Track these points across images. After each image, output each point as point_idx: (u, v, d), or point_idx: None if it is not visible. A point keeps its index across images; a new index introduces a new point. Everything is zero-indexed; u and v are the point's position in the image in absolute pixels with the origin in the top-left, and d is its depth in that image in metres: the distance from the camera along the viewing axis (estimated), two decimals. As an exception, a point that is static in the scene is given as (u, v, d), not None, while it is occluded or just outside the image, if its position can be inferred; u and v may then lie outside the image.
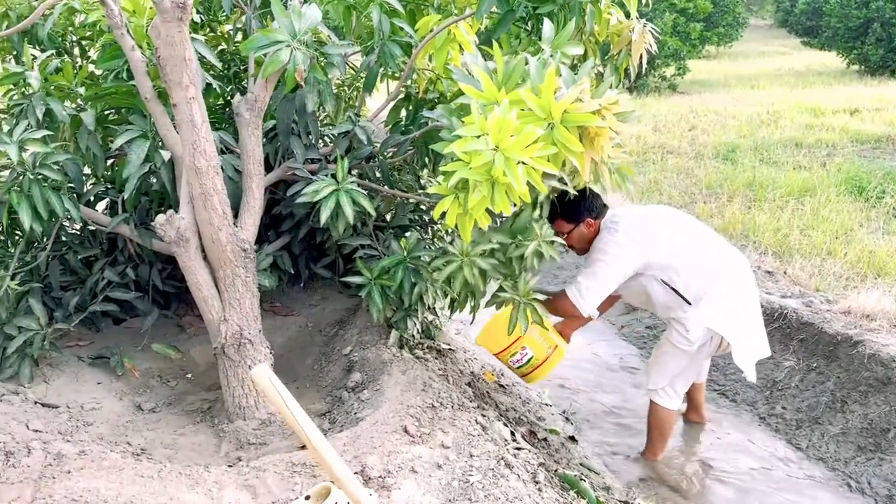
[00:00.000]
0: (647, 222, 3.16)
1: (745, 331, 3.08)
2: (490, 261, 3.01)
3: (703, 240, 3.17)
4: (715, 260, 3.09)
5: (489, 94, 2.35)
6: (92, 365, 3.36)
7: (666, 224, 3.20)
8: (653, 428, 3.39)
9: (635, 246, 3.06)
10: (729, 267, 3.10)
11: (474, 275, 2.97)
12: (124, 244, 3.50)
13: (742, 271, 3.15)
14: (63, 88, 3.09)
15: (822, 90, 11.83)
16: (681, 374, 3.23)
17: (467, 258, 2.97)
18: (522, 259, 3.09)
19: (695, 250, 3.11)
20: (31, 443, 2.55)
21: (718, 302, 3.05)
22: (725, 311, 3.05)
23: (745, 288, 3.12)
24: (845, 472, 3.28)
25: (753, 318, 3.14)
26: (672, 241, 3.11)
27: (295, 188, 3.30)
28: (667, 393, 3.27)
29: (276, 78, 2.88)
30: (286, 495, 2.34)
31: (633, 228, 3.09)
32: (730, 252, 3.20)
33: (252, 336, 3.00)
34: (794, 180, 6.61)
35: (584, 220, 3.18)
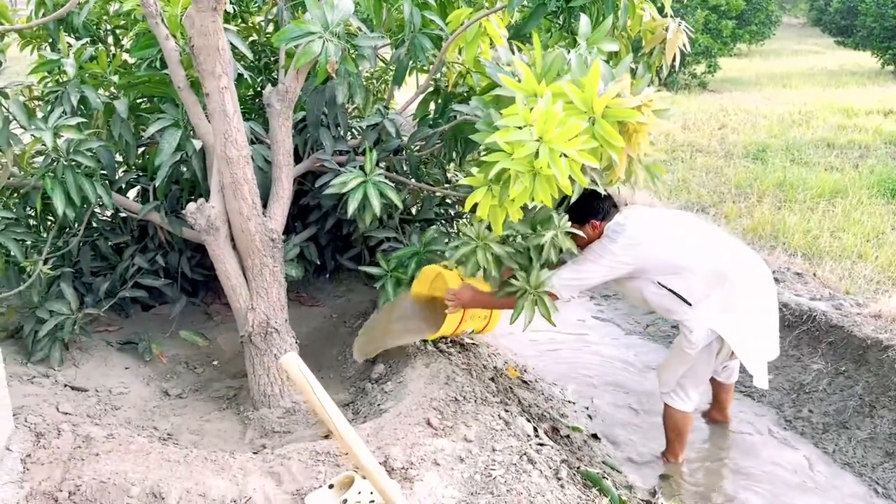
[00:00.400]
0: (651, 230, 3.08)
1: (750, 333, 3.02)
2: (505, 248, 2.99)
3: (712, 243, 3.11)
4: (724, 263, 3.03)
5: (529, 86, 2.34)
6: (120, 350, 3.41)
7: (674, 228, 3.15)
8: (669, 430, 3.36)
9: (631, 255, 3.02)
10: (739, 270, 3.03)
11: (487, 259, 2.95)
12: (154, 231, 3.54)
13: (754, 275, 3.08)
14: (97, 76, 3.14)
15: (855, 90, 11.63)
16: (688, 376, 3.19)
17: (482, 241, 2.95)
18: (540, 249, 3.06)
19: (702, 253, 3.05)
20: (61, 425, 2.60)
21: (721, 304, 2.99)
22: (728, 312, 3.00)
23: (755, 291, 3.05)
24: (872, 477, 3.23)
25: (763, 321, 3.07)
26: (679, 244, 3.06)
27: (323, 179, 3.32)
28: (678, 395, 3.24)
29: (307, 69, 2.89)
30: (310, 483, 2.36)
31: (632, 240, 3.02)
32: (743, 256, 3.13)
33: (278, 325, 3.03)
34: (826, 181, 6.50)
35: (589, 221, 3.12)
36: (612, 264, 3.04)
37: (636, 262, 3.03)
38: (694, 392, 3.22)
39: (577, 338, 4.67)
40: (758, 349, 3.05)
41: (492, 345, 4.34)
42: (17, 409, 2.62)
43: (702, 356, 3.11)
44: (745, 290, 3.02)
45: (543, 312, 3.03)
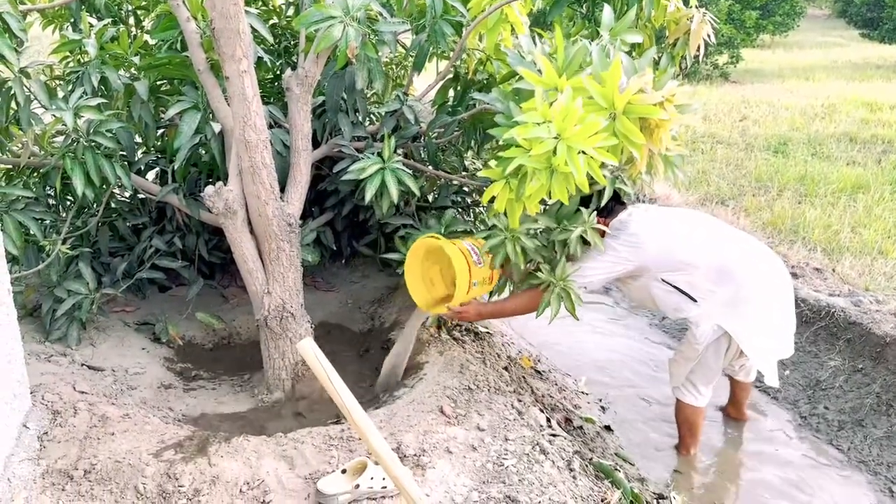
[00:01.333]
0: (654, 228, 3.06)
1: (759, 331, 2.98)
2: (534, 241, 2.98)
3: (718, 239, 3.07)
4: (730, 259, 2.98)
5: (550, 80, 2.32)
6: (137, 330, 3.44)
7: (678, 225, 3.11)
8: (681, 424, 3.35)
9: (632, 252, 3.01)
10: (746, 266, 2.99)
11: (516, 251, 2.95)
12: (173, 213, 3.56)
13: (764, 271, 3.03)
14: (118, 57, 3.14)
15: (880, 84, 11.45)
16: (696, 372, 3.16)
17: (512, 234, 2.94)
18: (565, 243, 3.06)
19: (707, 249, 3.00)
20: (78, 404, 2.63)
21: (728, 300, 2.96)
22: (735, 309, 2.96)
23: (765, 288, 3.01)
24: (888, 476, 3.20)
25: (774, 319, 3.03)
26: (683, 241, 3.02)
27: (341, 165, 3.31)
28: (688, 390, 3.21)
29: (327, 54, 2.88)
30: (323, 467, 2.37)
31: (634, 237, 3.02)
32: (753, 252, 3.08)
33: (294, 310, 3.03)
34: (848, 176, 6.42)
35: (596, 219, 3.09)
36: (613, 261, 3.03)
37: (638, 259, 3.02)
38: (704, 388, 3.19)
39: (591, 328, 4.66)
40: (767, 347, 3.01)
41: (506, 334, 4.33)
42: (34, 387, 2.65)
43: (709, 353, 3.08)
44: (754, 287, 2.97)
45: (568, 306, 3.02)
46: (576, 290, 3.02)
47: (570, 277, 3.03)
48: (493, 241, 2.95)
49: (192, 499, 2.23)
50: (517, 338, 4.43)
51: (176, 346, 3.45)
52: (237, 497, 2.25)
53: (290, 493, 2.27)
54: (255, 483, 2.30)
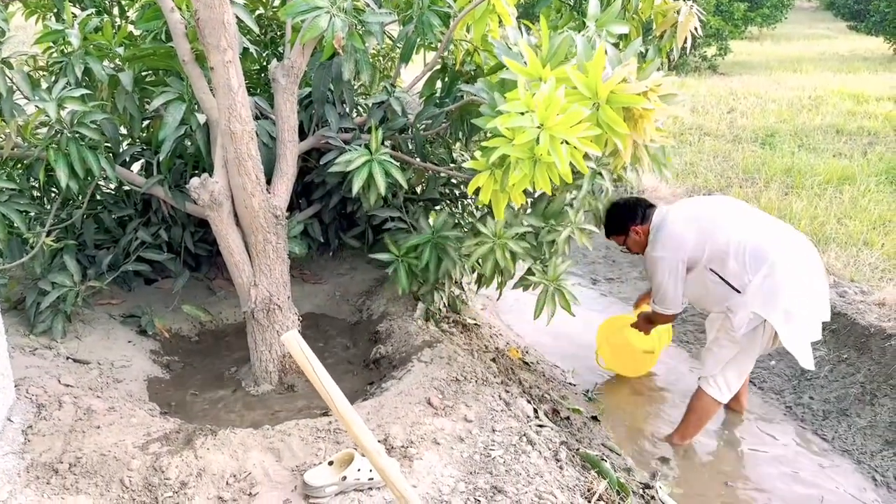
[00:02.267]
0: (688, 220, 3.20)
1: (794, 314, 2.99)
2: (522, 244, 3.00)
3: (746, 227, 3.10)
4: (760, 245, 3.02)
5: (534, 70, 2.31)
6: (123, 323, 3.42)
7: (707, 217, 3.20)
8: (692, 412, 3.36)
9: (677, 250, 3.17)
10: (777, 250, 3.02)
11: (506, 257, 2.97)
12: (158, 206, 3.53)
13: (796, 253, 3.06)
14: (102, 48, 3.11)
15: (866, 76, 11.52)
16: (732, 364, 3.18)
17: (499, 240, 2.96)
18: (553, 244, 3.08)
19: (735, 239, 3.05)
20: (63, 397, 2.61)
21: (764, 287, 2.99)
22: (769, 294, 2.99)
23: (798, 271, 3.03)
24: (871, 465, 3.24)
25: (807, 300, 3.04)
26: (713, 233, 3.11)
27: (328, 157, 3.29)
28: (717, 383, 3.23)
29: (313, 44, 2.86)
30: (310, 459, 2.37)
31: (671, 237, 3.19)
32: (781, 235, 3.12)
33: (281, 302, 3.02)
34: (834, 168, 6.46)
35: (630, 229, 3.38)
36: (673, 267, 3.20)
37: (682, 253, 3.16)
38: (735, 381, 3.24)
39: (580, 320, 4.67)
40: (802, 330, 3.03)
41: (494, 326, 4.34)
42: (18, 380, 2.64)
43: (747, 342, 3.11)
44: (784, 268, 3.00)
45: (563, 304, 3.06)
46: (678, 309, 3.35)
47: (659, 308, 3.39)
48: (480, 250, 2.96)
49: (178, 491, 2.22)
50: (505, 329, 4.44)
51: (162, 339, 3.44)
52: (224, 489, 2.24)
53: (276, 486, 2.27)
54: (241, 475, 2.29)
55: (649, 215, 3.33)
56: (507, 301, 4.57)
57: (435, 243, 3.20)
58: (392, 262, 3.26)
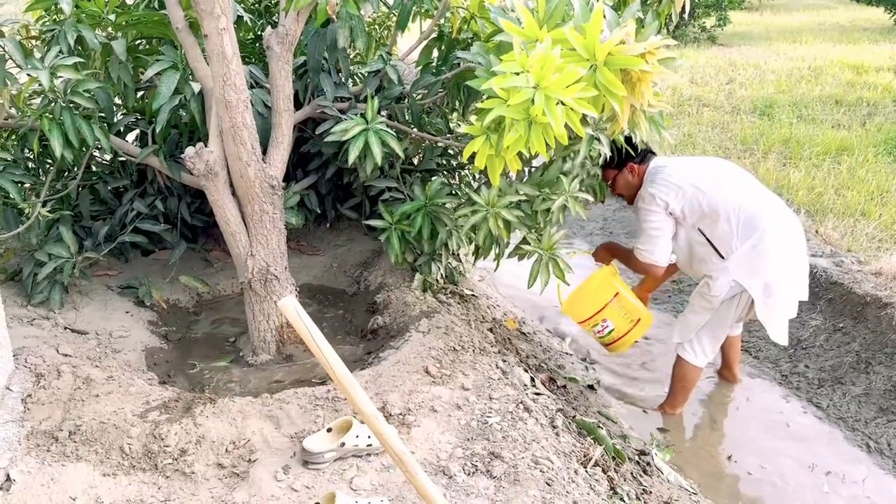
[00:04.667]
0: (690, 171, 3.15)
1: (774, 287, 3.02)
2: (515, 212, 2.99)
3: (745, 193, 3.10)
4: (754, 214, 3.02)
5: (530, 31, 2.28)
6: (121, 294, 3.42)
7: (708, 174, 3.16)
8: (675, 381, 3.38)
9: (673, 195, 3.10)
10: (769, 222, 3.02)
11: (499, 226, 2.96)
12: (153, 176, 3.52)
13: (786, 229, 3.07)
14: (94, 16, 3.07)
15: (866, 47, 11.42)
16: (706, 329, 3.20)
17: (493, 209, 2.95)
18: (548, 213, 3.07)
19: (734, 202, 3.05)
20: (62, 366, 2.62)
21: (746, 254, 3.00)
22: (752, 264, 3.00)
23: (785, 246, 3.04)
24: (865, 432, 3.27)
25: (790, 277, 3.06)
26: (711, 191, 3.08)
27: (324, 126, 3.27)
28: (693, 348, 3.25)
29: (307, 11, 2.82)
30: (308, 427, 2.39)
31: (671, 177, 3.12)
32: (775, 208, 3.11)
33: (278, 272, 3.02)
34: (832, 139, 6.44)
35: (626, 165, 3.24)
36: (662, 210, 3.13)
37: (678, 202, 3.10)
38: (710, 347, 3.24)
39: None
40: (779, 305, 3.05)
41: (491, 296, 4.35)
42: (17, 350, 2.64)
43: (722, 309, 3.13)
44: (772, 242, 3.01)
45: (557, 273, 3.06)
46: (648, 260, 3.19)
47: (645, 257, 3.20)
48: (473, 218, 2.95)
49: (177, 458, 2.24)
50: (502, 300, 4.45)
51: (160, 310, 3.44)
52: (223, 456, 2.26)
53: (275, 452, 2.29)
54: (240, 442, 2.31)
55: (648, 158, 3.27)
56: (504, 273, 4.58)
57: (428, 211, 3.19)
58: (385, 229, 3.26)
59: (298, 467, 2.22)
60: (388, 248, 3.27)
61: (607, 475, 2.43)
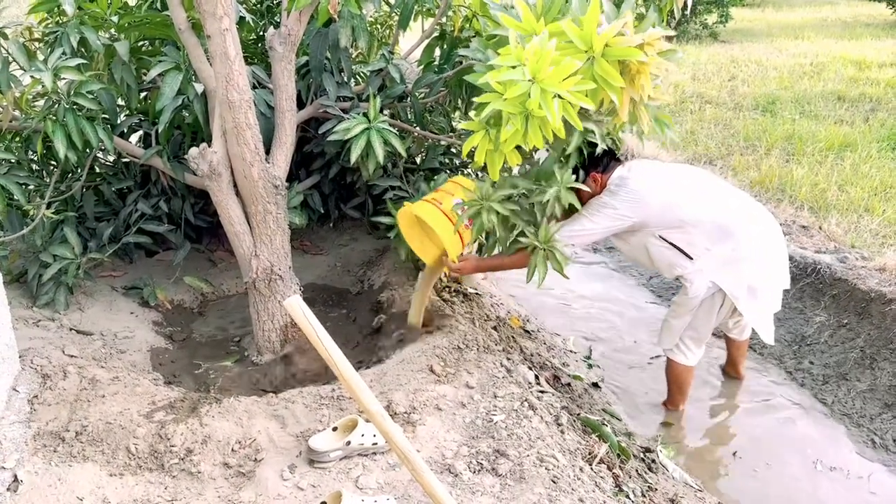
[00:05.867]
0: (653, 183, 2.99)
1: (754, 288, 3.00)
2: (510, 206, 2.96)
3: (717, 196, 3.05)
4: (728, 216, 2.96)
5: (527, 24, 2.28)
6: (125, 295, 3.43)
7: (677, 181, 3.07)
8: (670, 382, 3.39)
9: (632, 209, 2.95)
10: (743, 224, 2.99)
11: (492, 220, 2.93)
12: (157, 177, 3.53)
13: (760, 229, 3.04)
14: (97, 17, 3.08)
15: (869, 42, 11.39)
16: (689, 329, 3.19)
17: (486, 203, 2.93)
18: (544, 205, 3.05)
19: (706, 206, 2.98)
20: (67, 367, 2.63)
21: (724, 257, 2.96)
22: (730, 266, 2.98)
23: (760, 246, 3.02)
24: (870, 428, 3.26)
25: (769, 276, 3.05)
26: (683, 197, 2.98)
27: (326, 126, 3.28)
28: (679, 349, 3.25)
29: (309, 11, 2.83)
30: (314, 426, 2.39)
31: (634, 193, 2.94)
32: (749, 209, 3.08)
33: (282, 272, 3.03)
34: (835, 135, 6.42)
35: (589, 174, 3.05)
36: (613, 217, 2.96)
37: (637, 215, 2.95)
38: (695, 346, 3.22)
39: (582, 288, 4.68)
40: (762, 305, 3.04)
41: (495, 295, 4.35)
42: (23, 351, 2.65)
43: (702, 310, 3.11)
44: (751, 246, 2.98)
45: (556, 266, 3.02)
46: (562, 249, 2.94)
47: (560, 236, 2.96)
48: (468, 210, 2.93)
49: (184, 458, 2.24)
50: (506, 298, 4.45)
51: (164, 310, 3.45)
52: (229, 456, 2.27)
53: (281, 451, 2.29)
54: (246, 442, 2.32)
55: (612, 168, 3.06)
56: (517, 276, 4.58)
57: None
58: (395, 225, 3.25)
59: (304, 466, 2.23)
60: (398, 245, 3.27)
61: (612, 472, 2.43)
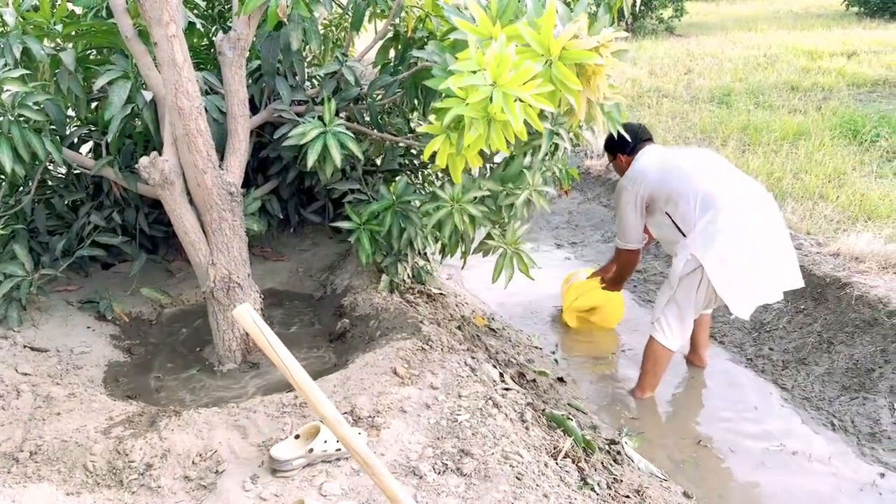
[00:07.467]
0: (655, 161, 3.34)
1: (729, 261, 3.07)
2: (480, 208, 2.99)
3: (708, 176, 3.20)
4: (717, 189, 3.13)
5: (484, 28, 2.28)
6: (81, 309, 3.35)
7: (677, 159, 3.33)
8: (646, 361, 3.44)
9: (640, 186, 3.32)
10: (728, 201, 3.10)
11: (464, 221, 2.96)
12: (110, 188, 3.46)
13: (748, 208, 3.13)
14: (41, 26, 3.01)
15: (820, 33, 11.65)
16: (670, 306, 3.26)
17: (458, 204, 2.95)
18: (512, 207, 3.09)
19: (694, 184, 3.16)
20: (21, 385, 2.57)
21: (704, 228, 3.10)
22: (709, 238, 3.08)
23: (744, 223, 3.09)
24: (829, 411, 3.32)
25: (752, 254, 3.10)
26: (674, 172, 3.25)
27: (281, 131, 3.24)
28: (660, 326, 3.32)
29: (259, 15, 2.79)
30: (276, 434, 2.36)
31: (639, 173, 3.35)
32: (740, 190, 3.19)
33: (241, 280, 2.99)
34: (789, 124, 6.55)
35: (616, 156, 3.60)
36: (632, 199, 3.36)
37: (645, 191, 3.31)
38: (676, 325, 3.30)
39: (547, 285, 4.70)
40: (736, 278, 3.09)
41: (459, 294, 4.35)
42: (-26, 371, 2.58)
43: (683, 286, 3.19)
44: (731, 220, 3.07)
45: (522, 268, 3.08)
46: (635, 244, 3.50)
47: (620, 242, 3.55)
48: (438, 214, 2.95)
49: (143, 473, 2.20)
50: (470, 297, 4.45)
51: (122, 324, 3.38)
52: (189, 469, 2.23)
53: (243, 462, 2.26)
54: (207, 454, 2.28)
55: (638, 149, 3.48)
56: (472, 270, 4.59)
57: (397, 209, 3.18)
58: (354, 230, 3.24)
59: (267, 476, 2.20)
60: (358, 249, 3.25)
61: (577, 466, 2.44)
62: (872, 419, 3.16)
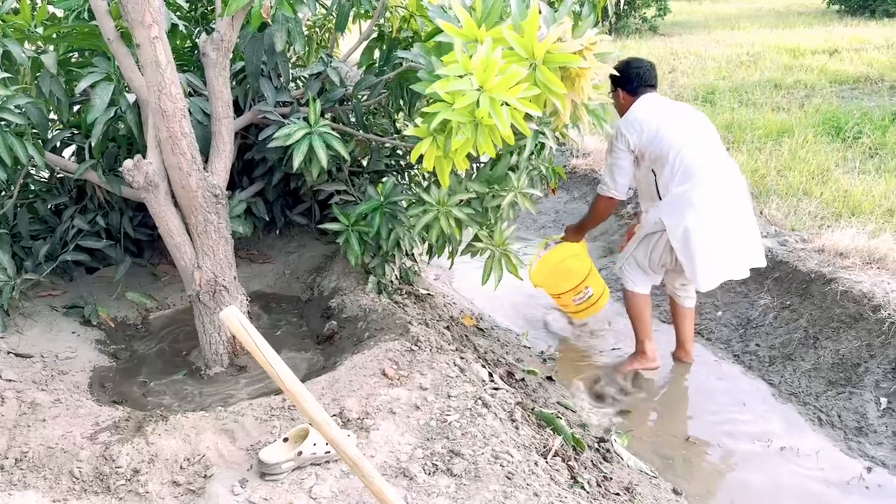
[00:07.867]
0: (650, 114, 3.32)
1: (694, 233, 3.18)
2: (466, 210, 3.00)
3: (695, 144, 3.26)
4: (695, 164, 3.20)
5: (469, 31, 2.28)
6: (66, 314, 3.32)
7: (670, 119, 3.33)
8: (631, 316, 3.63)
9: (633, 134, 3.32)
10: (706, 175, 3.20)
11: (451, 224, 2.97)
12: (93, 191, 3.43)
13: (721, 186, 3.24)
14: (21, 29, 2.98)
15: (802, 31, 11.74)
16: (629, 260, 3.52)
17: (444, 208, 2.95)
18: (498, 209, 3.09)
19: (680, 149, 3.23)
20: (5, 392, 2.54)
21: (677, 199, 3.21)
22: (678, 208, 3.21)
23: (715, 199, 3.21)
24: (816, 405, 3.35)
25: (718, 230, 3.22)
26: (665, 135, 3.26)
27: (266, 132, 3.23)
28: (624, 273, 3.56)
29: (242, 16, 2.78)
30: (264, 438, 2.35)
31: (635, 122, 3.32)
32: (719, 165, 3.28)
33: (227, 283, 2.97)
34: (772, 122, 6.59)
35: (617, 89, 3.52)
36: (622, 146, 3.37)
37: (638, 140, 3.31)
38: (636, 273, 3.52)
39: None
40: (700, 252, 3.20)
41: (447, 294, 4.35)
42: (-43, 378, 2.55)
43: (643, 242, 3.42)
44: (704, 195, 3.19)
45: (510, 269, 3.09)
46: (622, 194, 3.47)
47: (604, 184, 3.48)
48: (425, 218, 2.95)
49: (130, 479, 2.18)
50: (459, 297, 4.45)
51: (108, 328, 3.35)
52: (177, 473, 2.21)
53: (231, 466, 2.24)
54: (195, 458, 2.26)
55: (640, 93, 3.44)
56: (460, 270, 4.59)
57: (385, 210, 3.18)
58: (343, 231, 3.22)
59: (256, 480, 2.18)
60: (347, 250, 3.24)
61: (567, 464, 2.44)
62: (859, 413, 3.18)
